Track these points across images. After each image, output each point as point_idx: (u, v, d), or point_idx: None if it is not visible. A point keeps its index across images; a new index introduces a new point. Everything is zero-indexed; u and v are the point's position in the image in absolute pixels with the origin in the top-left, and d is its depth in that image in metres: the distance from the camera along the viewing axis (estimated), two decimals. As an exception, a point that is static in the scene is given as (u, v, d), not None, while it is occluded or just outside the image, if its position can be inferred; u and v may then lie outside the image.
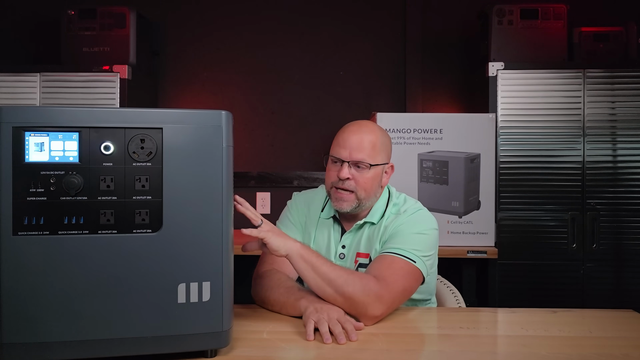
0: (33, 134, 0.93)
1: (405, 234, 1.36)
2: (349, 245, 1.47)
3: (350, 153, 1.38)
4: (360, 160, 1.38)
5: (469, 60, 2.95)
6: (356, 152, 1.38)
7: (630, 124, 2.46)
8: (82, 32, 2.61)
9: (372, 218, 1.45)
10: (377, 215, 1.45)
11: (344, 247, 1.47)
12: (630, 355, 1.06)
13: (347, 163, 1.38)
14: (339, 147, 1.40)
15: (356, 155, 1.38)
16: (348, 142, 1.39)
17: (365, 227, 1.46)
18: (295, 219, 1.53)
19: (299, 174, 2.96)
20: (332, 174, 1.42)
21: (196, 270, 0.98)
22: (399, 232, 1.37)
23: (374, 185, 1.41)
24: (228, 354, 1.04)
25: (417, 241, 1.34)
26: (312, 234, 1.51)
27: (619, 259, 2.46)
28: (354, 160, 1.38)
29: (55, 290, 0.93)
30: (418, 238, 1.35)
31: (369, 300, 1.20)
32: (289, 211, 1.56)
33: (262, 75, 3.03)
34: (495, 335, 1.25)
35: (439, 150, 2.47)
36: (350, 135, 1.40)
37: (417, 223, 1.39)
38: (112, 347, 0.95)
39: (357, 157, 1.38)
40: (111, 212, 0.95)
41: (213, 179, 0.99)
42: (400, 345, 1.12)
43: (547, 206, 2.47)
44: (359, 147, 1.38)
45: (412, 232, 1.36)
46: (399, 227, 1.39)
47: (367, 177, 1.39)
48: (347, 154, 1.38)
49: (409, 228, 1.38)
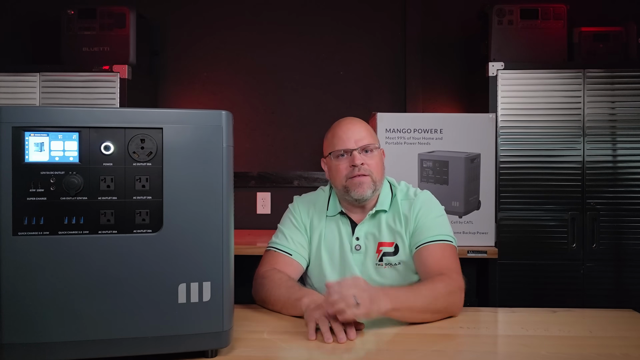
0: (33, 134, 0.93)
1: (431, 220, 1.45)
2: (363, 236, 1.49)
3: (356, 141, 1.46)
4: (367, 144, 1.46)
5: (469, 60, 2.95)
6: (361, 139, 1.46)
7: (630, 124, 2.46)
8: (82, 32, 2.61)
9: (383, 206, 1.50)
10: (386, 202, 1.51)
11: (358, 239, 1.49)
12: (630, 355, 1.06)
13: (357, 150, 1.44)
14: (342, 140, 1.46)
15: (362, 142, 1.46)
16: (349, 133, 1.46)
17: (378, 216, 1.50)
18: (298, 221, 1.54)
19: (299, 174, 2.96)
20: (342, 168, 1.46)
21: (196, 271, 0.98)
22: (425, 221, 1.45)
23: (382, 168, 1.49)
24: (228, 354, 1.04)
25: (442, 223, 1.46)
26: (321, 231, 1.52)
27: (619, 259, 2.45)
28: (362, 146, 1.45)
29: (55, 291, 0.93)
30: (442, 220, 1.47)
31: (456, 298, 1.30)
32: (291, 214, 1.56)
33: (262, 75, 3.03)
34: (495, 335, 1.25)
35: (439, 150, 2.47)
36: (348, 128, 1.48)
37: (432, 207, 1.49)
38: (112, 347, 0.95)
39: (364, 143, 1.45)
40: (111, 212, 0.95)
41: (213, 179, 0.99)
42: (400, 345, 1.12)
43: (547, 206, 2.46)
44: (361, 135, 1.46)
45: (435, 216, 1.46)
46: (422, 216, 1.46)
47: (376, 159, 1.47)
48: (353, 143, 1.45)
49: (430, 213, 1.47)
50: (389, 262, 1.47)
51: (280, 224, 1.56)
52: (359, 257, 1.48)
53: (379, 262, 1.47)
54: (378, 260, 1.47)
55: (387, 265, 1.47)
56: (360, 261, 1.48)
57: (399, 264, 1.47)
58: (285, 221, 1.56)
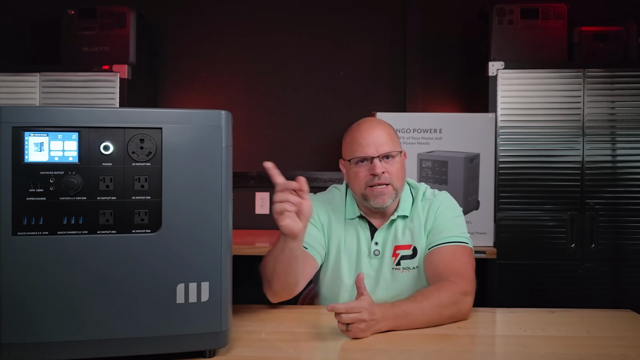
0: (32, 134, 0.93)
1: (447, 221, 1.43)
2: (382, 241, 1.47)
3: (377, 148, 1.40)
4: (388, 152, 1.40)
5: (468, 60, 2.95)
6: (381, 145, 1.40)
7: (630, 124, 2.46)
8: (82, 31, 2.61)
9: (404, 211, 1.47)
10: (407, 208, 1.48)
11: (377, 244, 1.47)
12: (628, 355, 1.06)
13: (377, 158, 1.40)
14: (362, 147, 1.41)
15: (383, 149, 1.40)
16: (369, 138, 1.41)
17: (398, 220, 1.47)
18: (315, 219, 1.49)
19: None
20: (362, 175, 1.41)
21: (195, 271, 0.98)
22: (442, 221, 1.43)
23: (403, 174, 1.46)
24: (227, 354, 1.04)
25: (459, 224, 1.44)
26: (341, 236, 1.48)
27: (618, 259, 2.46)
28: (383, 154, 1.40)
29: (55, 290, 0.93)
30: (458, 221, 1.45)
31: (461, 306, 1.28)
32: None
33: (262, 75, 3.03)
34: (493, 335, 1.25)
35: (439, 150, 2.47)
36: (369, 132, 1.42)
37: (450, 207, 1.47)
38: (111, 347, 0.95)
39: (385, 150, 1.40)
40: (110, 212, 0.95)
41: (213, 179, 0.99)
42: (399, 345, 1.12)
43: (546, 206, 2.47)
44: (382, 141, 1.41)
45: (452, 217, 1.44)
46: (439, 216, 1.44)
47: (398, 166, 1.42)
48: (373, 150, 1.40)
49: (447, 214, 1.45)
50: (407, 265, 1.44)
51: None
52: (375, 262, 1.46)
53: (396, 267, 1.44)
54: (395, 264, 1.44)
55: (404, 270, 1.44)
56: (377, 266, 1.46)
57: (417, 267, 1.44)
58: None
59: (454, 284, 1.29)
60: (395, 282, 1.44)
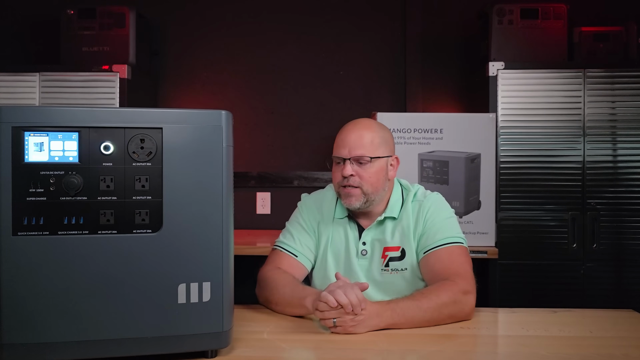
0: (32, 134, 0.93)
1: (440, 222, 1.43)
2: (370, 241, 1.47)
3: (350, 150, 1.41)
4: (360, 155, 1.40)
5: (469, 60, 2.95)
6: (355, 148, 1.40)
7: (630, 123, 2.46)
8: (81, 31, 2.60)
9: (392, 213, 1.47)
10: (396, 209, 1.48)
11: (365, 244, 1.47)
12: (630, 355, 1.06)
13: (349, 160, 1.40)
14: (339, 147, 1.43)
15: (355, 152, 1.40)
16: (346, 140, 1.42)
17: (386, 222, 1.47)
18: (307, 223, 1.51)
19: (299, 174, 2.96)
20: (337, 175, 1.44)
21: (196, 271, 0.98)
22: (434, 224, 1.43)
23: (380, 179, 1.43)
24: (228, 354, 1.04)
25: (452, 225, 1.44)
26: (329, 234, 1.50)
27: (619, 259, 2.45)
28: (354, 157, 1.40)
29: (55, 291, 0.93)
30: (451, 222, 1.45)
31: (462, 306, 1.28)
32: (299, 214, 1.54)
33: (262, 75, 3.02)
34: (495, 335, 1.25)
35: (440, 150, 2.47)
36: (348, 134, 1.43)
37: (441, 209, 1.47)
38: (112, 347, 0.95)
39: (357, 153, 1.41)
40: (111, 212, 0.95)
41: (213, 179, 0.99)
42: (400, 345, 1.12)
43: (547, 206, 2.46)
44: (357, 144, 1.41)
45: (444, 218, 1.45)
46: (430, 219, 1.44)
47: (371, 171, 1.41)
48: (346, 151, 1.41)
49: (439, 215, 1.45)
50: (396, 267, 1.44)
51: (289, 223, 1.54)
52: (364, 263, 1.46)
53: (385, 268, 1.44)
54: (384, 265, 1.45)
55: (393, 271, 1.44)
56: (366, 267, 1.46)
57: (406, 269, 1.44)
58: (293, 221, 1.54)
59: (453, 283, 1.29)
60: (385, 284, 1.44)
